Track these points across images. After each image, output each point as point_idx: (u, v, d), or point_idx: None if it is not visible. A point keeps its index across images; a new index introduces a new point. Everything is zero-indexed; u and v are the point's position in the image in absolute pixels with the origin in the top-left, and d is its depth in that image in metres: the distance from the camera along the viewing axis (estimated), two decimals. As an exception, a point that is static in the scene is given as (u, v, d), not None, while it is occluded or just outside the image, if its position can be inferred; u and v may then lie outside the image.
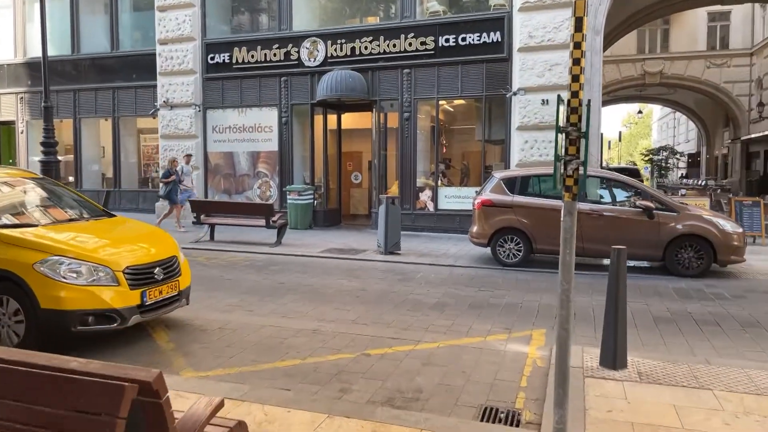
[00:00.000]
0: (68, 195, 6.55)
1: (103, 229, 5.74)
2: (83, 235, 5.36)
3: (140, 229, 6.08)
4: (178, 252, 5.75)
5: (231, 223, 11.32)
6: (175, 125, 15.52)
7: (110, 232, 5.69)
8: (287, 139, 14.74)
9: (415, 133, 13.67)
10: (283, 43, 14.48)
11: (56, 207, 6.04)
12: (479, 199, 9.56)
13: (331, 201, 15.25)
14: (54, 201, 6.17)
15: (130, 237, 5.68)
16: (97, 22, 17.27)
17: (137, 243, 5.52)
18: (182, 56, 15.30)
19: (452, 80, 13.30)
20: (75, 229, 5.51)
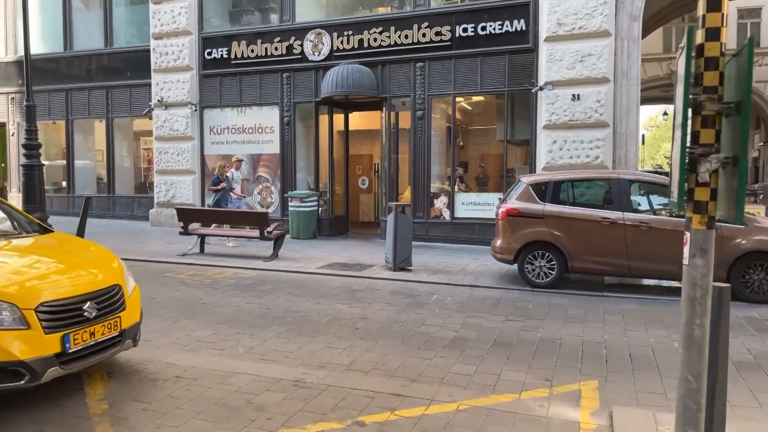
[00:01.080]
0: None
1: (24, 251, 4.48)
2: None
3: (76, 249, 4.82)
4: (122, 279, 4.48)
5: (221, 234, 10.08)
6: (170, 126, 14.37)
7: (32, 256, 4.43)
8: (290, 140, 13.49)
9: (429, 134, 12.34)
10: (285, 36, 13.25)
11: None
12: (503, 207, 8.19)
13: (337, 208, 13.97)
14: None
15: (59, 261, 4.41)
16: (90, 16, 16.22)
17: (67, 270, 4.26)
18: (178, 51, 14.15)
19: (470, 74, 11.96)
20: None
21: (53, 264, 4.33)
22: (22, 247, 4.52)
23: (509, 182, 11.85)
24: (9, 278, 3.84)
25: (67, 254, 4.60)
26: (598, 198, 8.13)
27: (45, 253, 4.55)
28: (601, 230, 7.60)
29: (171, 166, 14.40)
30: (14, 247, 4.44)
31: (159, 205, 14.65)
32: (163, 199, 14.54)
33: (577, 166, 10.92)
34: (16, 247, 4.47)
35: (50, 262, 4.34)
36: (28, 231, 4.91)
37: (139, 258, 9.88)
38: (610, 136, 10.94)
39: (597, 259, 7.66)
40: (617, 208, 7.63)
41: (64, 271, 4.22)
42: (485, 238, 11.59)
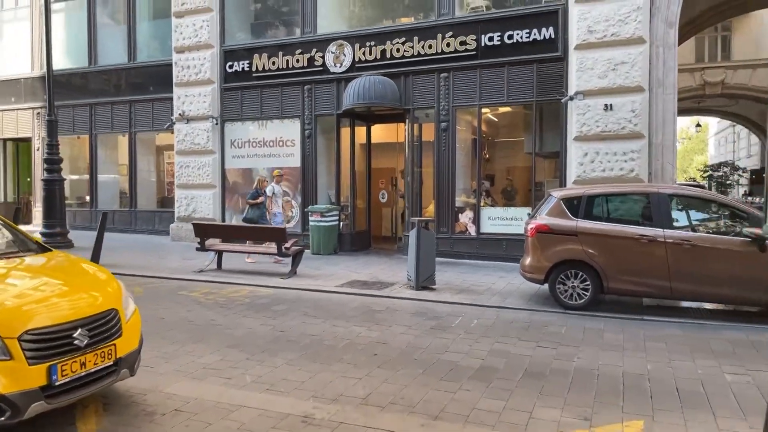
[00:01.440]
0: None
1: (13, 273, 4.17)
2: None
3: (71, 271, 4.49)
4: (119, 302, 4.14)
5: (237, 250, 9.77)
6: (191, 140, 14.22)
7: (20, 279, 4.12)
8: (311, 153, 13.21)
9: (453, 146, 11.92)
10: (306, 48, 13.02)
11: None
12: (533, 223, 7.70)
13: (359, 222, 13.60)
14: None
15: (49, 284, 4.09)
16: (115, 31, 16.26)
17: (58, 294, 3.94)
18: (199, 65, 14.04)
19: (497, 84, 11.53)
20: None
21: (43, 287, 4.01)
22: (11, 268, 4.22)
23: (538, 196, 11.36)
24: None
25: (59, 276, 4.28)
26: (635, 213, 7.59)
27: (35, 275, 4.24)
28: (640, 248, 7.05)
29: (192, 180, 14.24)
30: (1, 268, 4.14)
31: (179, 220, 14.47)
32: (183, 213, 14.37)
33: (610, 180, 10.37)
34: (3, 268, 4.16)
35: (40, 285, 4.02)
36: (23, 250, 4.61)
37: (155, 274, 9.63)
38: (645, 147, 10.37)
39: (635, 279, 7.10)
40: (657, 225, 7.08)
41: (55, 295, 3.90)
42: (513, 255, 11.08)
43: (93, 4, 16.30)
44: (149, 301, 7.61)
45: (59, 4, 16.96)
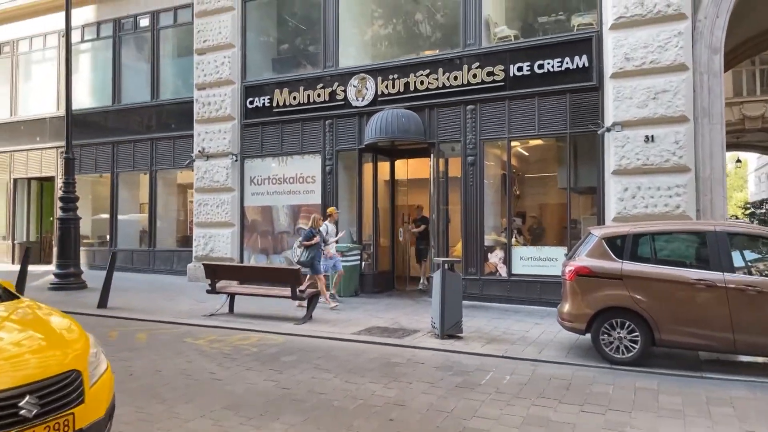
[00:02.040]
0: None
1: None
2: None
3: (30, 323, 3.88)
4: (83, 362, 3.50)
5: (248, 292, 9.14)
6: (210, 177, 13.85)
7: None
8: (331, 190, 12.66)
9: (481, 182, 11.23)
10: (328, 82, 12.64)
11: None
12: (572, 265, 6.89)
13: (381, 262, 12.89)
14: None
15: (7, 339, 3.48)
16: (139, 70, 16.24)
17: (6, 351, 3.32)
18: (220, 101, 13.77)
19: (527, 116, 10.87)
20: None
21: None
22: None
23: (573, 235, 10.54)
24: None
25: (14, 331, 3.67)
26: (688, 255, 6.72)
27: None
28: (696, 295, 6.17)
29: (210, 218, 13.81)
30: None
31: (197, 259, 13.99)
32: (201, 252, 13.90)
33: (654, 217, 9.51)
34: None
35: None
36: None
37: (163, 319, 9.04)
38: (692, 181, 9.51)
39: (691, 330, 6.20)
40: (716, 268, 6.21)
41: (2, 354, 3.28)
42: (548, 299, 10.23)
43: (118, 43, 16.37)
44: (149, 351, 6.99)
45: (86, 45, 17.12)
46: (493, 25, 11.67)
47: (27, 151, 17.81)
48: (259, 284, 9.33)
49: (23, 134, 17.78)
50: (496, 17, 11.85)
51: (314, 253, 10.24)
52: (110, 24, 16.44)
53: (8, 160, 18.18)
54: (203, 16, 14.02)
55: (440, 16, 13.28)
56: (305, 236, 10.43)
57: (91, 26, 16.78)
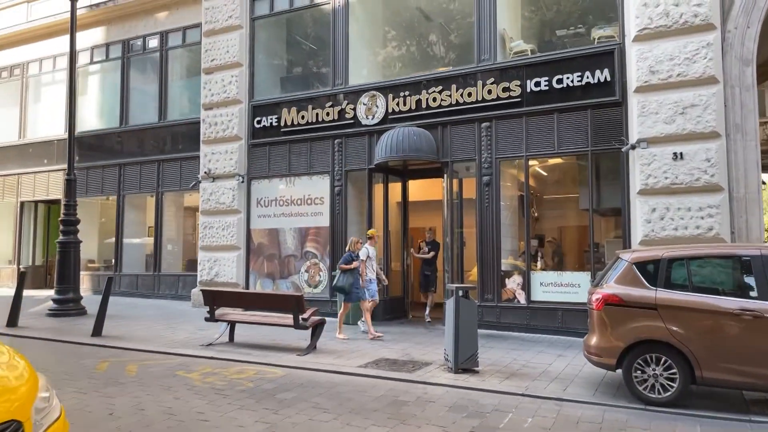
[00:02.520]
0: None
1: None
2: None
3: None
4: (25, 412, 2.94)
5: (248, 320, 8.56)
6: (216, 199, 13.42)
7: None
8: (340, 212, 12.13)
9: (497, 203, 10.63)
10: (337, 101, 12.21)
11: None
12: (600, 293, 6.23)
13: (393, 288, 12.27)
14: None
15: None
16: (147, 92, 16.01)
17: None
18: (227, 121, 13.41)
19: (545, 133, 10.30)
20: None
21: None
22: None
23: (596, 259, 9.87)
24: None
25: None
26: (731, 282, 6.04)
27: None
28: (742, 327, 5.48)
29: (216, 241, 13.34)
30: None
31: (202, 284, 13.48)
32: (206, 277, 13.40)
33: (684, 240, 8.82)
34: None
35: None
36: None
37: (158, 349, 8.49)
38: (725, 201, 8.83)
39: (737, 367, 5.48)
40: (763, 296, 5.52)
41: None
42: (570, 328, 9.55)
43: (127, 65, 16.19)
44: (137, 386, 6.43)
45: (95, 66, 16.98)
46: (508, 39, 11.18)
47: (34, 173, 17.59)
48: (260, 311, 8.75)
49: (31, 156, 17.59)
50: (512, 32, 11.38)
51: (353, 279, 9.60)
52: (119, 45, 16.28)
53: (16, 182, 17.97)
54: (211, 35, 13.75)
55: (454, 31, 12.87)
56: (344, 260, 9.73)
57: (100, 48, 16.64)
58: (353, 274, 9.63)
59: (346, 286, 9.57)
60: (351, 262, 9.64)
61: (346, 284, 9.56)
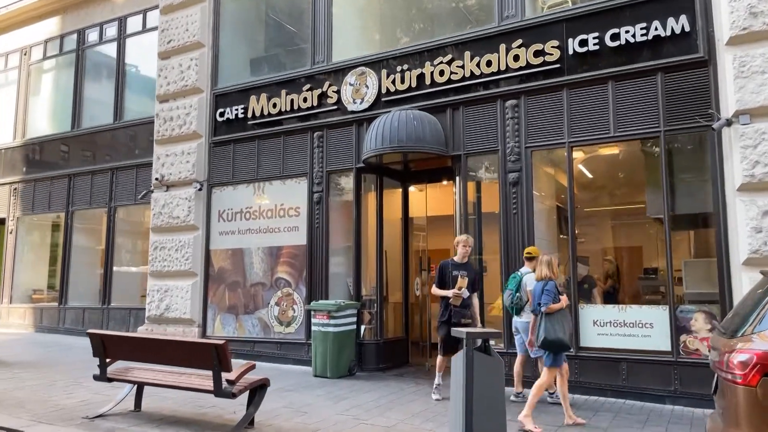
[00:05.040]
0: None
1: None
2: None
3: None
4: None
5: (152, 380, 5.61)
6: (169, 212, 10.64)
7: None
8: (320, 225, 9.25)
9: (529, 209, 7.65)
10: (317, 82, 9.46)
11: None
12: (748, 351, 3.18)
13: (390, 326, 9.31)
14: None
15: None
16: (103, 88, 13.47)
17: None
18: (184, 115, 10.72)
19: (596, 111, 7.36)
20: None
21: None
22: None
23: (679, 285, 6.78)
24: None
25: None
26: None
27: None
28: None
29: (167, 266, 10.51)
30: None
31: (150, 321, 10.63)
32: (154, 311, 10.54)
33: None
34: None
35: None
36: None
37: (20, 425, 5.58)
38: None
39: None
40: None
41: None
42: (639, 388, 6.52)
43: (81, 58, 13.71)
44: None
45: (49, 62, 14.56)
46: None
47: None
48: (171, 366, 5.82)
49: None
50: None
51: (554, 322, 5.66)
52: (74, 36, 13.85)
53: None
54: (169, 11, 11.20)
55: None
56: (551, 295, 5.68)
57: (54, 40, 14.25)
58: (563, 317, 5.75)
59: (556, 339, 5.57)
60: (559, 297, 5.79)
61: (555, 337, 5.57)
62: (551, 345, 5.59)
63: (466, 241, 6.97)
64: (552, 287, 5.75)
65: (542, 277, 5.84)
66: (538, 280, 5.91)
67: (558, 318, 5.68)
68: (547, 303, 5.66)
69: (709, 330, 6.52)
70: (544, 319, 5.66)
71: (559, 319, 5.68)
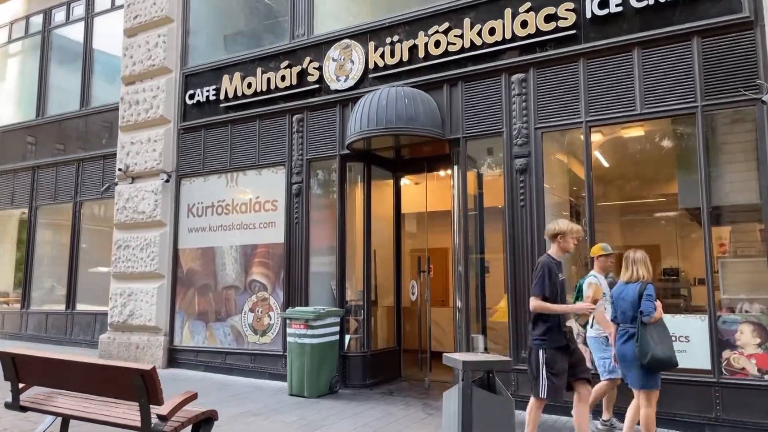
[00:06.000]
0: None
1: None
2: None
3: None
4: None
5: (69, 412, 4.49)
6: (134, 207, 9.53)
7: None
8: (300, 221, 8.13)
9: (539, 200, 6.52)
10: (297, 58, 8.34)
11: None
12: None
13: (379, 336, 8.20)
14: None
15: None
16: (70, 72, 12.34)
17: None
18: (151, 98, 9.60)
19: (619, 84, 6.22)
20: None
21: None
22: None
23: (717, 290, 5.65)
24: None
25: None
26: None
27: None
28: None
29: (131, 267, 9.40)
30: None
31: (113, 328, 9.53)
32: (117, 318, 9.43)
33: None
34: None
35: None
36: None
37: None
38: None
39: None
40: None
41: None
42: (675, 414, 5.37)
43: (47, 40, 12.59)
44: None
45: (15, 46, 13.43)
46: (551, -50, 7.20)
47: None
48: (94, 394, 4.70)
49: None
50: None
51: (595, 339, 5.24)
52: (40, 17, 12.73)
53: None
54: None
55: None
56: (653, 300, 4.58)
57: (20, 22, 13.13)
58: (595, 328, 5.28)
59: (666, 356, 4.53)
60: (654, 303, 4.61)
61: (666, 354, 4.54)
62: (660, 363, 4.51)
63: (579, 231, 4.98)
64: (652, 291, 4.65)
65: (637, 278, 4.71)
66: (628, 282, 4.77)
67: (659, 328, 4.62)
68: (651, 312, 4.54)
69: (758, 345, 5.40)
70: (646, 330, 4.55)
71: (661, 330, 4.62)
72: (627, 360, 4.64)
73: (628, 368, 4.66)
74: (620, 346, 4.73)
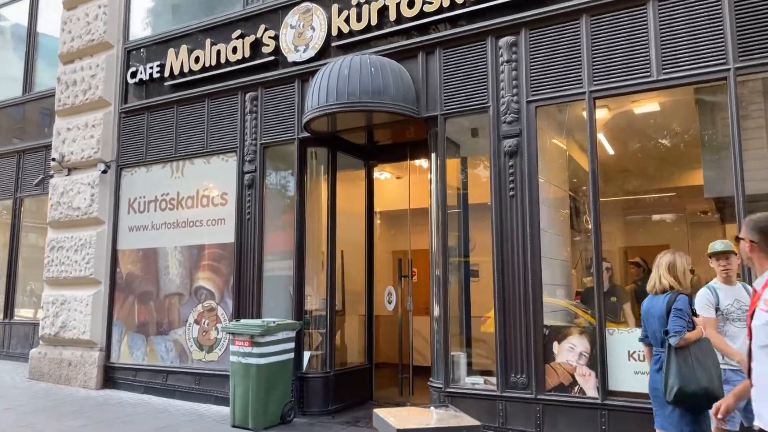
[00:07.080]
0: None
1: None
2: None
3: None
4: None
5: None
6: (68, 202, 8.30)
7: None
8: (253, 217, 6.91)
9: (531, 188, 5.32)
10: (250, 27, 7.14)
11: None
12: None
13: (348, 352, 7.01)
14: None
15: None
16: (14, 56, 11.13)
17: None
18: (89, 77, 8.39)
19: (630, 45, 5.05)
20: None
21: None
22: None
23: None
24: None
25: None
26: None
27: None
28: None
29: (65, 271, 8.17)
30: None
31: (45, 342, 8.29)
32: (49, 330, 8.19)
33: None
34: None
35: None
36: None
37: None
38: None
39: None
40: None
41: None
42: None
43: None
44: None
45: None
46: None
47: None
48: None
49: None
50: None
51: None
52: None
53: None
54: (75, -51, 8.87)
55: None
56: (685, 317, 3.37)
57: (-39, 0, 11.89)
58: (678, 359, 3.39)
59: (718, 387, 3.28)
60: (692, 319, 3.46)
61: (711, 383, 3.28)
62: (690, 398, 3.28)
63: None
64: (684, 304, 3.42)
65: (662, 289, 3.55)
66: (656, 294, 3.59)
67: (701, 351, 3.37)
68: (679, 331, 3.34)
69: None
70: (676, 356, 3.34)
71: (703, 355, 3.36)
72: (659, 396, 3.45)
73: (661, 407, 3.46)
74: (652, 375, 3.56)
